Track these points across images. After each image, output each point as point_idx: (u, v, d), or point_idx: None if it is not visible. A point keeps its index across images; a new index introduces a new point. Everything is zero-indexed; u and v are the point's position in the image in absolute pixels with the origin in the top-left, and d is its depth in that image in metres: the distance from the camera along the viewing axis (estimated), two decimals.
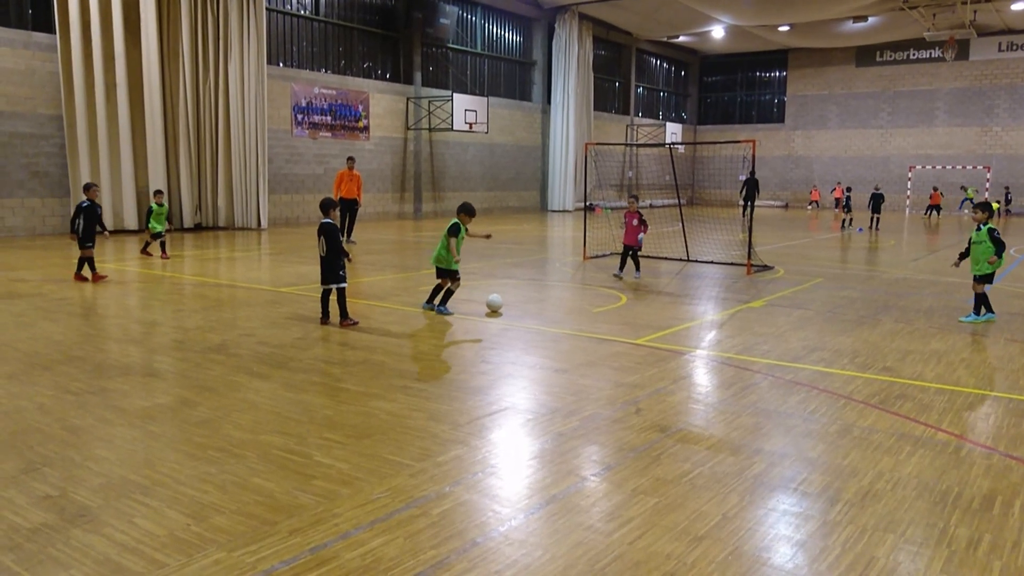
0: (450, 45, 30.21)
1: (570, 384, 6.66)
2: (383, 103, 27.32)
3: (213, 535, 3.79)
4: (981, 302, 9.74)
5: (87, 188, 12.28)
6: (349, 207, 18.49)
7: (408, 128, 28.30)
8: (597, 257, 16.16)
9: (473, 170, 31.62)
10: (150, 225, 14.95)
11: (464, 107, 27.97)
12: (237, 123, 21.87)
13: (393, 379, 6.72)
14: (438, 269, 9.80)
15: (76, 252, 12.27)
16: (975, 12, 32.15)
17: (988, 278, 9.65)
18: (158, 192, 15.60)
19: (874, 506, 4.26)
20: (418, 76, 28.41)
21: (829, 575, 3.53)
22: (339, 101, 25.70)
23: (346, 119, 26.01)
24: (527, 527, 3.96)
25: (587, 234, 16.79)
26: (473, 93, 30.08)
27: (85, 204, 12.02)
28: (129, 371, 6.90)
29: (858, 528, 3.99)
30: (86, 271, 12.00)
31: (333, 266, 8.83)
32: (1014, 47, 37.35)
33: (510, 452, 5.08)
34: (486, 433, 5.39)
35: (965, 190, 35.97)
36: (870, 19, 34.20)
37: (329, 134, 25.47)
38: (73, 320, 9.13)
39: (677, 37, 40.90)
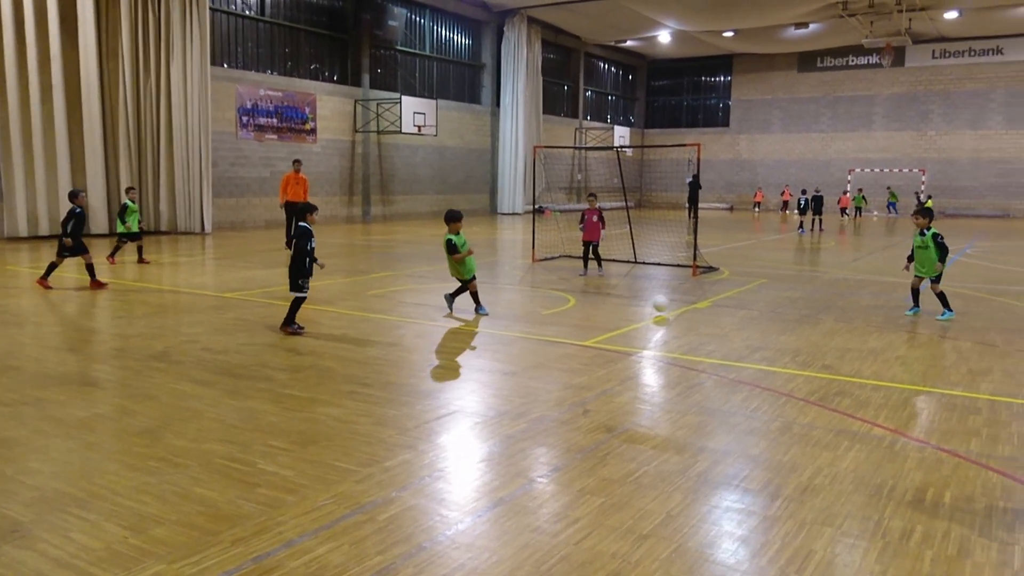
0: (398, 47, 30.05)
1: (519, 387, 6.68)
2: (331, 105, 27.04)
3: (152, 547, 3.70)
4: (943, 299, 10.08)
5: (76, 195, 12.01)
6: (295, 211, 18.23)
7: (356, 131, 28.06)
8: (546, 260, 16.25)
9: (423, 173, 31.49)
10: (127, 225, 14.50)
11: (413, 110, 27.83)
12: (180, 125, 21.41)
13: (340, 384, 6.66)
14: (462, 281, 10.02)
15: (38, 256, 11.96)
16: (910, 20, 33.21)
17: (939, 277, 10.09)
18: (131, 188, 15.25)
19: (813, 500, 4.37)
20: (366, 78, 28.20)
21: (769, 569, 3.61)
22: (285, 103, 25.35)
23: (293, 121, 25.67)
24: (474, 530, 3.96)
25: (536, 236, 16.86)
26: (422, 96, 29.94)
27: (78, 211, 11.78)
28: (66, 381, 6.70)
29: (797, 522, 4.09)
30: (80, 274, 11.94)
31: (294, 273, 8.66)
32: (947, 54, 38.69)
33: (458, 455, 5.07)
34: (434, 437, 5.38)
35: (890, 191, 37.42)
36: (811, 26, 35.07)
37: (275, 136, 25.11)
38: (7, 329, 8.83)
39: (625, 41, 41.37)
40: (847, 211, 34.24)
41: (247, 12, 24.70)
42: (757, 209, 41.87)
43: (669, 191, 43.59)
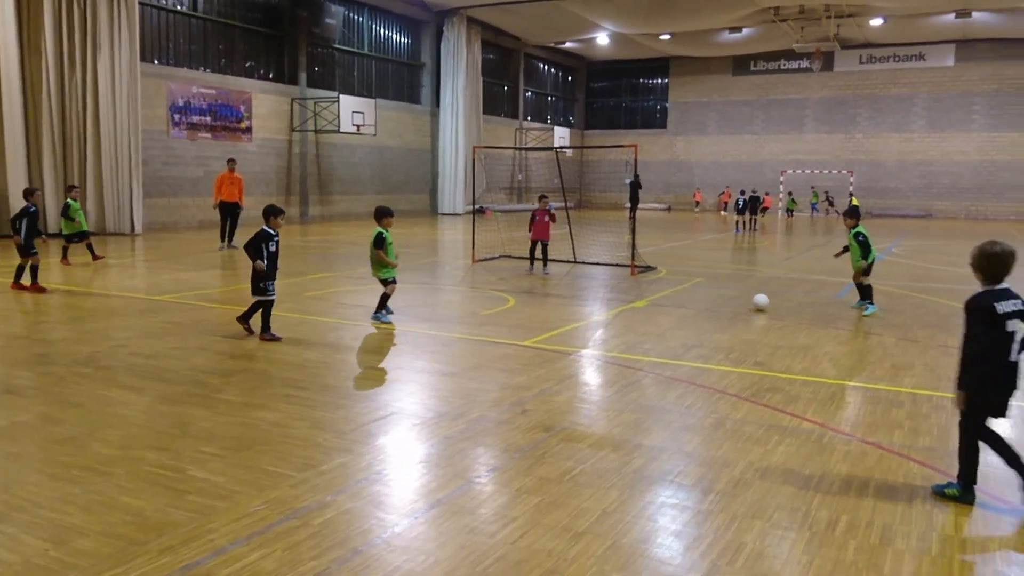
0: (336, 46, 29.67)
1: (458, 387, 6.67)
2: (267, 104, 26.54)
3: (75, 559, 3.58)
4: (866, 293, 10.64)
5: (31, 193, 11.74)
6: (230, 211, 17.89)
7: (293, 129, 27.61)
8: (486, 260, 16.25)
9: (362, 173, 31.16)
10: (74, 225, 14.18)
11: (351, 109, 27.51)
12: (107, 123, 20.70)
13: (275, 388, 6.54)
14: (382, 280, 9.54)
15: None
16: (838, 26, 34.31)
17: (867, 271, 10.67)
18: (74, 187, 14.96)
19: (744, 494, 4.47)
20: (303, 76, 27.76)
21: (702, 562, 3.69)
22: (220, 101, 24.78)
23: (227, 120, 25.11)
24: (411, 532, 3.94)
25: (476, 237, 16.85)
26: (360, 95, 29.63)
27: (32, 209, 11.44)
28: None
29: (729, 516, 4.18)
30: (26, 279, 11.41)
31: (254, 277, 8.40)
32: (873, 59, 40.07)
33: (396, 458, 5.04)
34: (372, 439, 5.33)
35: (814, 192, 38.89)
36: (745, 30, 35.91)
37: (209, 135, 24.52)
38: None
39: (564, 43, 41.68)
40: (767, 210, 35.41)
41: (178, 7, 24.06)
42: (698, 208, 42.78)
43: (608, 191, 44.12)
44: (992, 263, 4.42)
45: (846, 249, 11.18)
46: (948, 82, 38.86)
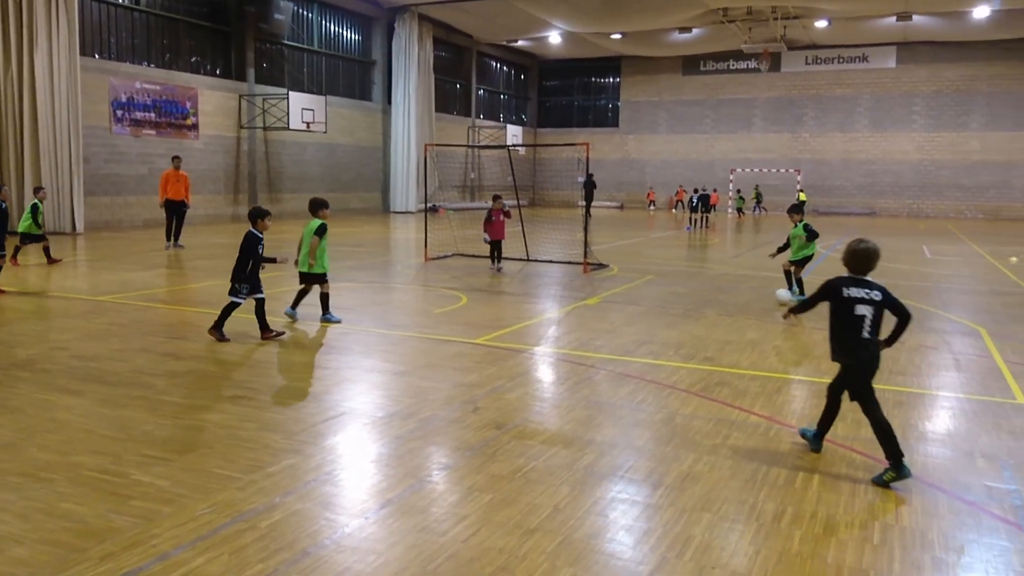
0: (286, 41, 29.24)
1: (409, 386, 6.63)
2: (214, 100, 26.02)
3: (11, 569, 3.46)
4: (795, 281, 11.25)
5: None
6: (176, 210, 17.50)
7: (241, 126, 27.12)
8: (439, 258, 16.19)
9: (312, 171, 30.76)
10: (31, 226, 13.88)
11: (301, 106, 27.14)
12: (46, 119, 20.06)
13: (223, 389, 6.42)
14: (302, 274, 9.18)
15: None
16: (785, 28, 35.01)
17: (801, 263, 11.23)
18: (39, 188, 14.82)
19: (693, 488, 4.53)
20: (251, 72, 27.29)
21: (651, 555, 3.73)
22: (164, 97, 24.21)
23: (172, 116, 24.55)
24: (361, 533, 3.90)
25: (429, 235, 16.77)
26: (310, 91, 29.27)
27: (3, 207, 11.22)
28: None
29: (678, 510, 4.23)
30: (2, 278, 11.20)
31: (233, 277, 8.24)
32: (819, 60, 40.99)
33: (346, 458, 4.99)
34: (321, 440, 5.26)
35: (756, 190, 39.84)
36: (694, 30, 36.39)
37: (154, 132, 23.94)
38: None
39: (516, 41, 41.71)
40: (714, 207, 36.11)
41: (120, 0, 23.43)
42: (653, 207, 43.27)
43: (561, 189, 44.27)
44: (857, 259, 4.93)
45: (780, 250, 11.61)
46: (890, 83, 39.94)
